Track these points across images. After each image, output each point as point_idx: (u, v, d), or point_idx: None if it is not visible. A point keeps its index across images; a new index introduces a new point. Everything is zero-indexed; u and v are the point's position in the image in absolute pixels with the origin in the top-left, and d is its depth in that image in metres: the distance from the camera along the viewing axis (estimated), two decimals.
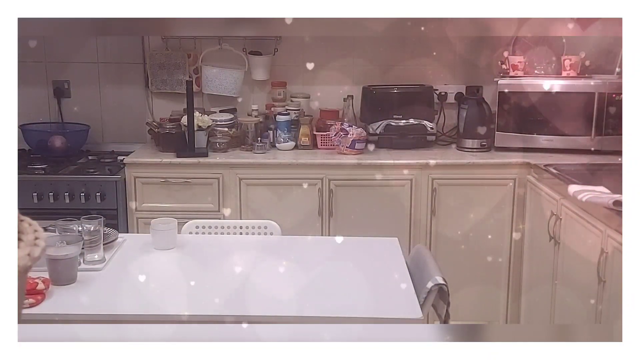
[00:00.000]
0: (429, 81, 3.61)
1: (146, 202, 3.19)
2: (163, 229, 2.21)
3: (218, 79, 3.56)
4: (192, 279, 1.99)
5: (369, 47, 3.61)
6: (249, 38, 3.57)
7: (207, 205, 3.20)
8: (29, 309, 1.72)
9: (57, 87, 3.65)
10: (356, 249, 2.29)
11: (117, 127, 3.70)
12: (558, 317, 2.75)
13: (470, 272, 3.22)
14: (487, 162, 3.23)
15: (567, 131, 3.28)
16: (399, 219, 3.21)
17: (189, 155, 3.21)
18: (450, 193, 3.21)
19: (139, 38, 3.62)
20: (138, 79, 3.68)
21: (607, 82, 3.20)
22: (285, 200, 3.18)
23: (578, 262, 2.53)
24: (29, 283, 1.74)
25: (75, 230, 2.08)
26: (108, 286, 1.93)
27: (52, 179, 3.15)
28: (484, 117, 3.43)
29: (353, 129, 3.32)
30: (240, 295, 1.87)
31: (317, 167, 3.20)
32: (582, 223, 2.50)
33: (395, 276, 2.01)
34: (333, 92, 3.64)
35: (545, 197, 2.92)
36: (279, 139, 3.42)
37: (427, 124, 3.45)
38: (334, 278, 2.01)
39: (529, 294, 3.15)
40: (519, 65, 3.43)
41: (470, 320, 3.22)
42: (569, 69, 3.33)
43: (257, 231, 2.52)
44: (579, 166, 3.02)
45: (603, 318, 2.30)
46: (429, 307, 1.95)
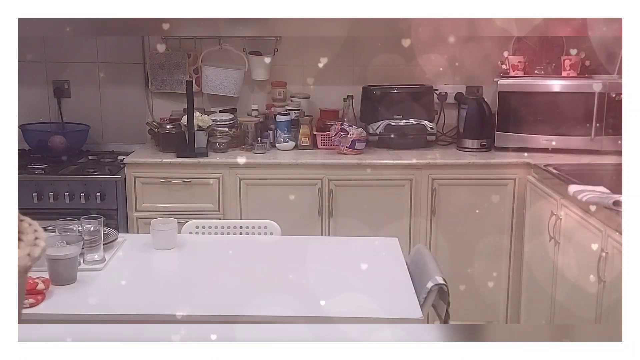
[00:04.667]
0: (429, 81, 3.61)
1: (146, 202, 3.19)
2: (163, 229, 2.21)
3: (218, 79, 3.56)
4: (192, 279, 1.99)
5: (369, 47, 3.61)
6: (249, 38, 3.56)
7: (207, 205, 3.20)
8: (29, 309, 1.72)
9: (57, 87, 3.65)
10: (356, 249, 2.29)
11: (117, 127, 3.70)
12: (558, 317, 2.75)
13: (470, 271, 3.22)
14: (487, 162, 3.23)
15: (567, 131, 3.28)
16: (399, 219, 3.20)
17: (189, 155, 3.21)
18: (450, 193, 3.21)
19: (139, 38, 3.62)
20: (138, 79, 3.68)
21: (607, 82, 3.20)
22: (285, 200, 3.18)
23: (578, 262, 2.53)
24: (29, 283, 1.74)
25: (75, 230, 2.07)
26: (108, 286, 1.93)
27: (52, 179, 3.15)
28: (484, 117, 3.43)
29: (353, 129, 3.32)
30: (240, 296, 1.87)
31: (317, 167, 3.20)
32: (582, 223, 2.50)
33: (395, 276, 2.01)
34: (333, 92, 3.64)
35: (545, 197, 2.92)
36: (279, 139, 3.42)
37: (427, 124, 3.45)
38: (334, 278, 2.01)
39: (529, 294, 3.15)
40: (519, 65, 3.43)
41: (470, 320, 3.22)
42: (569, 69, 3.33)
43: (257, 231, 2.52)
44: (579, 166, 3.02)
45: (603, 318, 2.30)
46: (429, 307, 1.95)
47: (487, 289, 3.27)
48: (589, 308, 2.40)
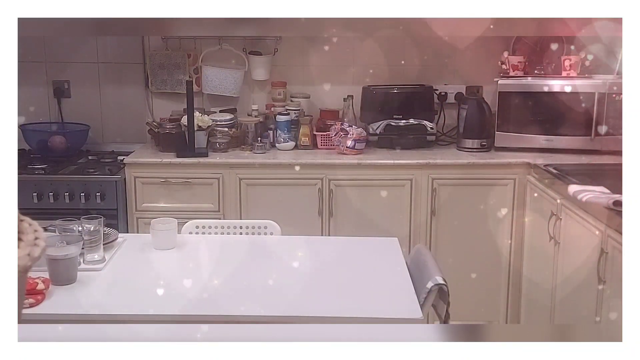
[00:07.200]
0: (429, 81, 3.61)
1: (146, 202, 3.19)
2: (163, 229, 2.21)
3: (218, 79, 3.56)
4: (192, 279, 1.99)
5: (368, 47, 3.61)
6: (249, 38, 3.57)
7: (207, 205, 3.20)
8: (29, 309, 1.72)
9: (57, 87, 3.65)
10: (356, 249, 2.29)
11: (117, 127, 3.70)
12: (558, 317, 2.75)
13: (470, 272, 3.22)
14: (487, 162, 3.23)
15: (567, 131, 3.28)
16: (399, 219, 3.20)
17: (189, 155, 3.21)
18: (450, 193, 3.21)
19: (139, 38, 3.62)
20: (138, 79, 3.68)
21: (607, 82, 3.20)
22: (285, 200, 3.18)
23: (578, 262, 2.53)
24: (29, 283, 1.74)
25: (75, 230, 2.07)
26: (108, 286, 1.93)
27: (52, 179, 3.15)
28: (484, 117, 3.43)
29: (353, 129, 3.32)
30: (241, 296, 1.87)
31: (317, 167, 3.20)
32: (582, 223, 2.50)
33: (395, 276, 2.01)
34: (333, 92, 3.64)
35: (545, 197, 2.92)
36: (279, 139, 3.42)
37: (427, 124, 3.45)
38: (334, 278, 2.01)
39: (529, 294, 3.15)
40: (519, 65, 3.43)
41: (470, 320, 3.22)
42: (569, 69, 3.33)
43: (257, 231, 2.52)
44: (579, 166, 3.02)
45: (603, 318, 2.30)
46: (429, 307, 1.95)
47: (487, 289, 3.27)
48: (589, 308, 2.40)
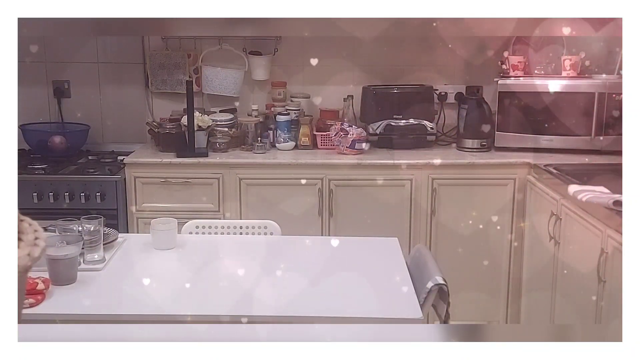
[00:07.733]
0: (429, 81, 3.61)
1: (146, 202, 3.19)
2: (163, 229, 2.21)
3: (218, 79, 3.56)
4: (192, 279, 1.99)
5: (369, 47, 3.61)
6: (249, 38, 3.56)
7: (207, 205, 3.20)
8: (29, 309, 1.72)
9: (57, 87, 3.65)
10: (356, 249, 2.29)
11: (117, 127, 3.70)
12: (558, 317, 2.75)
13: (471, 272, 3.22)
14: (487, 162, 3.23)
15: (567, 131, 3.28)
16: (399, 219, 3.20)
17: (189, 155, 3.21)
18: (450, 193, 3.21)
19: (139, 38, 3.62)
20: (138, 79, 3.68)
21: (607, 82, 3.20)
22: (285, 200, 3.17)
23: (578, 262, 2.53)
24: (29, 283, 1.74)
25: (75, 230, 2.07)
26: (108, 286, 1.93)
27: (52, 179, 3.15)
28: (484, 117, 3.42)
29: (353, 129, 3.32)
30: (241, 295, 1.87)
31: (317, 167, 3.20)
32: (582, 223, 2.50)
33: (395, 276, 2.01)
34: (333, 92, 3.64)
35: (545, 197, 2.92)
36: (279, 139, 3.42)
37: (427, 124, 3.45)
38: (334, 278, 2.01)
39: (529, 294, 3.15)
40: (519, 65, 3.43)
41: (470, 320, 3.22)
42: (569, 69, 3.33)
43: (257, 231, 2.52)
44: (579, 166, 3.02)
45: (603, 318, 2.30)
46: (429, 307, 1.95)
47: (487, 289, 3.27)
48: (589, 308, 2.40)
